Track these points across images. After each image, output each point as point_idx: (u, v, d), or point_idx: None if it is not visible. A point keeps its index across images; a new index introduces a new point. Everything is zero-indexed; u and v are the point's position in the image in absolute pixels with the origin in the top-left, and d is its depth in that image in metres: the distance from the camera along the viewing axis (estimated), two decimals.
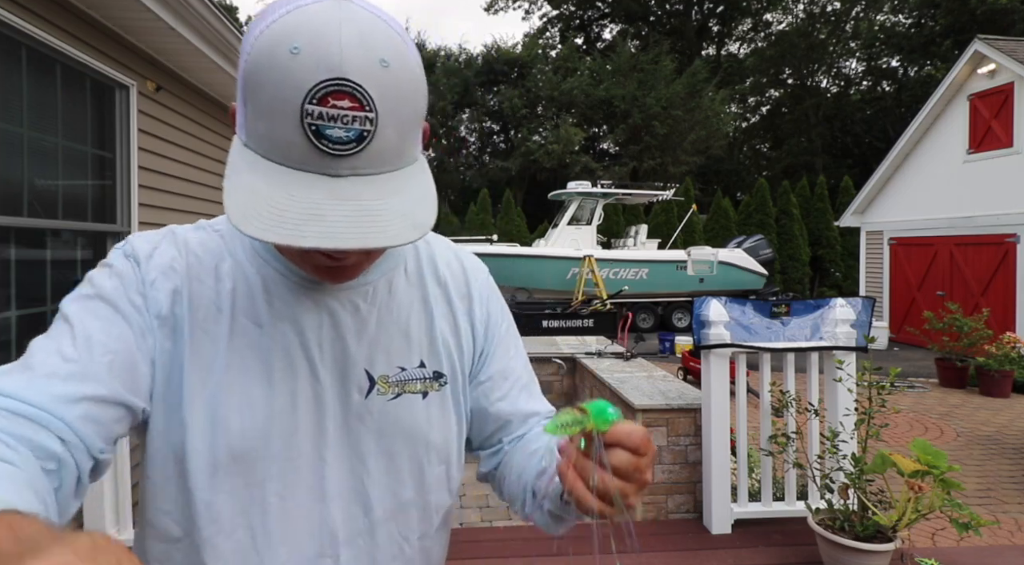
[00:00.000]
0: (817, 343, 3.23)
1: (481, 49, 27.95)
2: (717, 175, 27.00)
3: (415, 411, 0.69)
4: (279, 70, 0.49)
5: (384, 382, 0.68)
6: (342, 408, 0.66)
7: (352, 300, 0.68)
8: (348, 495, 0.66)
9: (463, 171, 26.79)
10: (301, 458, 0.64)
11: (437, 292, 0.75)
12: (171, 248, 0.65)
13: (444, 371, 0.72)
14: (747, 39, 30.67)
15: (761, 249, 14.29)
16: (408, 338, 0.71)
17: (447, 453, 0.72)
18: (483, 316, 0.77)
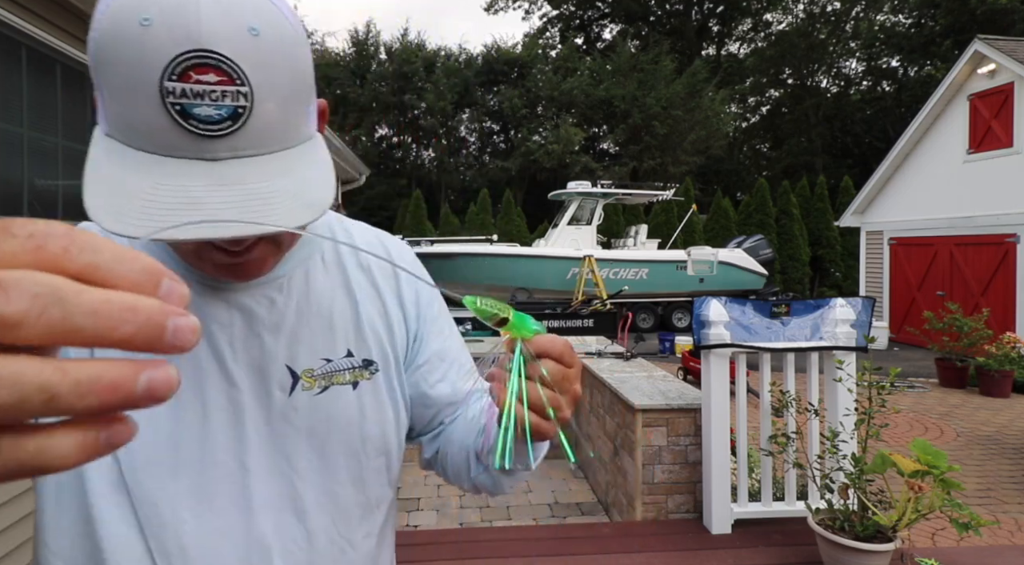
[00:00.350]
0: (817, 343, 3.23)
1: (481, 49, 27.96)
2: (717, 175, 27.00)
3: (346, 403, 0.65)
4: (130, 46, 0.43)
5: (308, 376, 0.64)
6: (263, 410, 0.61)
7: (266, 294, 0.63)
8: (278, 502, 0.61)
9: (463, 171, 26.79)
10: (217, 469, 0.59)
11: (360, 277, 0.70)
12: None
13: (374, 358, 0.68)
14: (747, 39, 30.68)
15: (761, 249, 14.30)
16: (331, 328, 0.66)
17: (385, 444, 0.68)
18: (412, 297, 0.73)
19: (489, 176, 24.82)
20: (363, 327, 0.68)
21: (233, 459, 0.60)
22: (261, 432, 0.61)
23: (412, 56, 24.76)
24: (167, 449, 0.57)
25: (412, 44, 25.65)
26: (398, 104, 24.65)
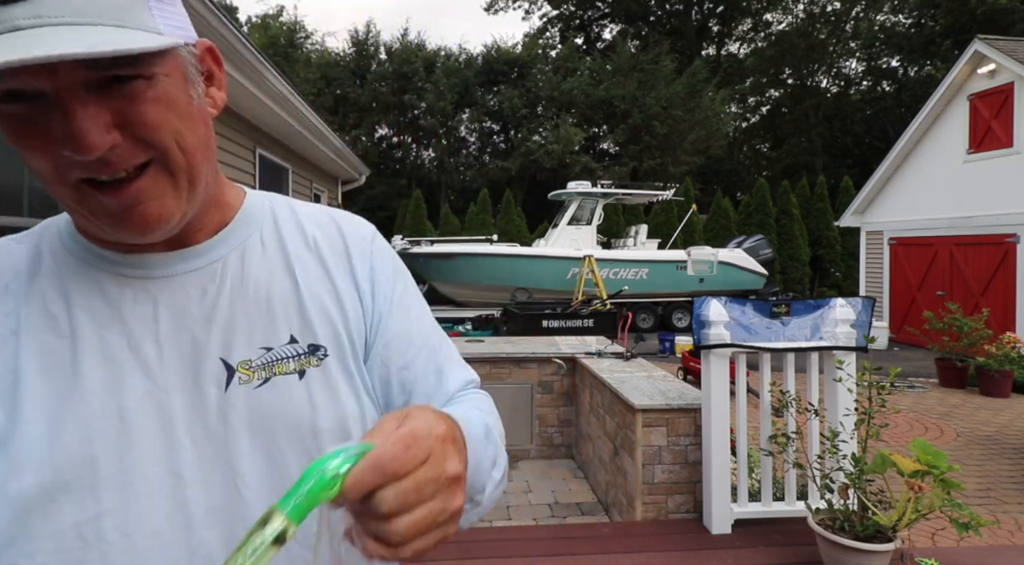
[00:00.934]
0: (817, 343, 3.23)
1: (481, 49, 27.97)
2: (717, 175, 27.00)
3: (292, 395, 0.58)
4: None
5: (245, 368, 0.57)
6: (198, 411, 0.55)
7: (196, 284, 0.58)
8: (223, 512, 0.54)
9: (463, 171, 26.79)
10: (145, 481, 0.52)
11: (306, 255, 0.64)
12: None
13: (322, 342, 0.61)
14: (747, 39, 30.69)
15: (761, 249, 14.30)
16: (271, 313, 0.60)
17: (344, 437, 0.59)
18: (367, 273, 0.66)
19: (489, 176, 24.82)
20: (308, 310, 0.61)
21: (164, 470, 0.53)
22: (196, 436, 0.54)
23: (412, 56, 24.77)
24: (81, 467, 0.50)
25: (412, 44, 25.66)
26: (398, 104, 24.66)
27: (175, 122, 0.50)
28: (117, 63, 0.45)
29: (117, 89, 0.46)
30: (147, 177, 0.50)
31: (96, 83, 0.45)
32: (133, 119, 0.47)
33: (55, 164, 0.47)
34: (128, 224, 0.51)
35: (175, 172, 0.52)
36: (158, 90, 0.49)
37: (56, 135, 0.45)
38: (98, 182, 0.48)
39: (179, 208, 0.53)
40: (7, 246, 0.59)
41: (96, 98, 0.46)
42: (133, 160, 0.48)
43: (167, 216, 0.52)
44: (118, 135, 0.47)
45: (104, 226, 0.52)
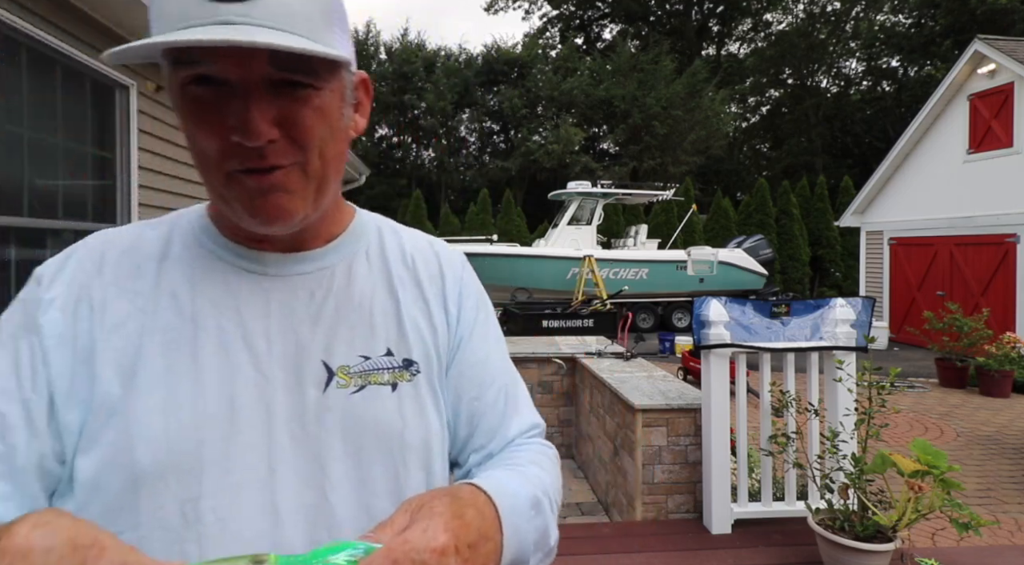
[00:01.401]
0: (817, 343, 3.23)
1: (481, 49, 27.98)
2: (717, 175, 27.00)
3: (384, 405, 0.60)
4: None
5: (344, 373, 0.59)
6: (296, 408, 0.57)
7: (306, 287, 0.62)
8: (308, 512, 0.56)
9: (463, 171, 26.80)
10: (243, 471, 0.54)
11: (404, 274, 0.68)
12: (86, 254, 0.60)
13: (415, 359, 0.63)
14: (747, 39, 30.69)
15: (761, 249, 14.30)
16: (371, 324, 0.62)
17: (427, 457, 0.62)
18: (456, 297, 0.69)
19: (489, 176, 24.82)
20: (405, 326, 0.64)
21: (262, 462, 0.55)
22: (294, 434, 0.57)
23: (412, 56, 24.78)
24: (190, 443, 0.53)
25: (412, 44, 25.66)
26: (398, 104, 24.65)
27: (324, 132, 0.56)
28: (297, 69, 0.52)
29: (288, 92, 0.53)
30: (287, 172, 0.55)
31: (273, 83, 0.52)
32: (294, 120, 0.54)
33: (221, 148, 0.53)
34: (260, 211, 0.55)
35: (310, 176, 0.57)
36: (320, 101, 0.55)
37: (229, 122, 0.52)
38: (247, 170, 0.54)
39: (304, 208, 0.58)
40: (141, 231, 0.64)
41: (269, 97, 0.52)
42: (283, 158, 0.54)
43: (293, 211, 0.57)
44: (277, 132, 0.53)
45: (240, 212, 0.56)
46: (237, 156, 0.53)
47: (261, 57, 0.51)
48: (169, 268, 0.60)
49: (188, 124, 0.54)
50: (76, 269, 0.59)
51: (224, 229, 0.63)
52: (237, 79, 0.51)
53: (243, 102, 0.51)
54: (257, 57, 0.50)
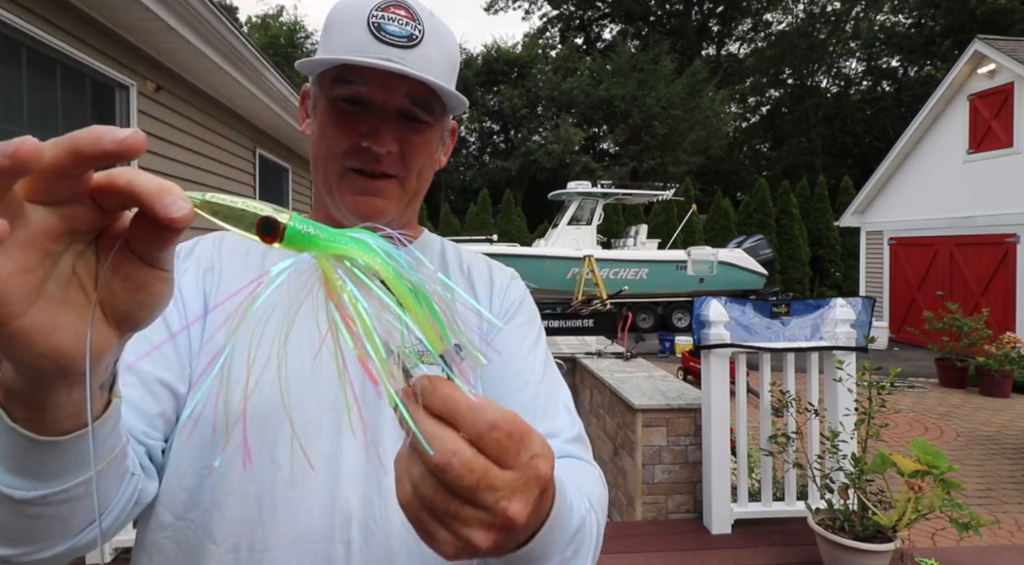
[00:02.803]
0: (817, 343, 3.23)
1: (481, 49, 27.97)
2: (717, 175, 27.00)
3: None
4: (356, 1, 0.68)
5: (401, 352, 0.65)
6: (362, 380, 0.60)
7: None
8: (361, 472, 0.62)
9: (463, 171, 26.80)
10: (317, 425, 0.62)
11: (460, 279, 0.79)
12: (209, 241, 0.74)
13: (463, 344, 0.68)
14: (747, 39, 30.68)
15: (761, 249, 14.29)
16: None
17: None
18: (501, 300, 0.78)
19: (489, 176, 24.82)
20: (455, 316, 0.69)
21: (332, 419, 0.63)
22: (359, 399, 0.64)
23: None
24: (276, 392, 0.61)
25: None
26: None
27: (424, 159, 0.73)
28: (422, 106, 0.69)
29: (410, 124, 0.70)
30: (390, 183, 0.70)
31: (402, 113, 0.69)
32: (409, 143, 0.70)
33: (350, 147, 0.69)
34: (360, 205, 0.69)
35: (406, 191, 0.72)
36: (428, 136, 0.72)
37: (361, 129, 0.68)
38: (361, 171, 0.69)
39: (393, 213, 0.72)
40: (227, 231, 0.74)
41: (397, 121, 0.69)
42: (392, 169, 0.70)
43: (386, 213, 0.71)
44: (397, 147, 0.69)
45: (340, 203, 0.70)
46: (360, 157, 0.68)
47: (402, 91, 0.67)
48: (271, 257, 0.71)
49: (328, 125, 0.70)
50: (202, 248, 0.73)
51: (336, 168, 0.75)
52: (381, 102, 0.68)
53: (380, 118, 0.68)
54: (399, 90, 0.67)
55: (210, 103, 4.43)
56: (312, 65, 0.68)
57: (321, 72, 0.70)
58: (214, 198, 0.33)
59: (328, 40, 0.69)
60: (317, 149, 0.71)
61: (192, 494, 0.60)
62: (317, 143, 0.71)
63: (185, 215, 0.31)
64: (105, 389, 0.40)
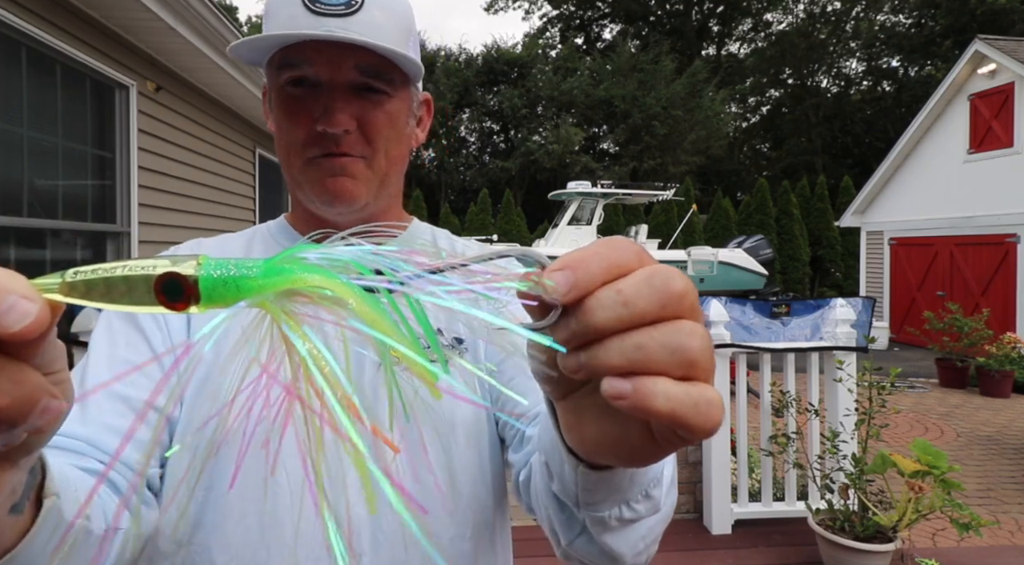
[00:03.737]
0: (817, 343, 3.23)
1: (481, 49, 27.97)
2: (717, 175, 27.00)
3: None
4: None
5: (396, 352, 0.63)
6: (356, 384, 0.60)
7: None
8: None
9: (463, 171, 26.79)
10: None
11: None
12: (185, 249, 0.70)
13: (463, 336, 0.68)
14: (747, 39, 30.68)
15: (761, 249, 14.28)
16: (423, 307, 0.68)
17: (477, 433, 0.65)
18: None
19: (489, 176, 24.81)
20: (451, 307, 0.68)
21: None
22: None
23: None
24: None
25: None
26: None
27: (391, 135, 0.67)
28: (376, 76, 0.64)
29: (366, 96, 0.65)
30: (355, 161, 0.66)
31: (356, 86, 0.64)
32: (368, 119, 0.65)
33: (307, 136, 0.64)
34: (328, 191, 0.65)
35: (375, 170, 0.67)
36: (390, 107, 0.66)
37: (315, 114, 0.63)
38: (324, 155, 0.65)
39: (364, 195, 0.67)
40: (227, 237, 0.74)
41: (351, 97, 0.64)
42: (354, 149, 0.65)
43: (356, 195, 0.66)
44: (355, 125, 0.64)
45: (311, 193, 0.67)
46: (319, 144, 0.64)
47: (350, 64, 0.62)
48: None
49: (282, 117, 0.66)
50: None
51: (300, 229, 0.73)
52: (328, 80, 0.62)
53: (330, 97, 0.63)
54: (346, 64, 0.62)
55: (210, 103, 4.43)
56: (243, 50, 0.63)
57: (268, 61, 0.66)
58: (79, 274, 0.24)
59: (266, 24, 0.64)
60: (279, 144, 0.68)
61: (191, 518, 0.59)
62: (277, 138, 0.68)
63: (32, 324, 0.21)
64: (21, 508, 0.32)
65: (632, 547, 0.44)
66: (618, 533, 0.43)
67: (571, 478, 0.39)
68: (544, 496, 0.48)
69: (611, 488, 0.39)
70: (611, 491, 0.39)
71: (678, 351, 0.26)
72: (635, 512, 0.41)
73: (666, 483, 0.44)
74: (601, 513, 0.41)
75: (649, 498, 0.41)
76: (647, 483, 0.40)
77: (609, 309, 0.26)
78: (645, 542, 0.45)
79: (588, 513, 0.41)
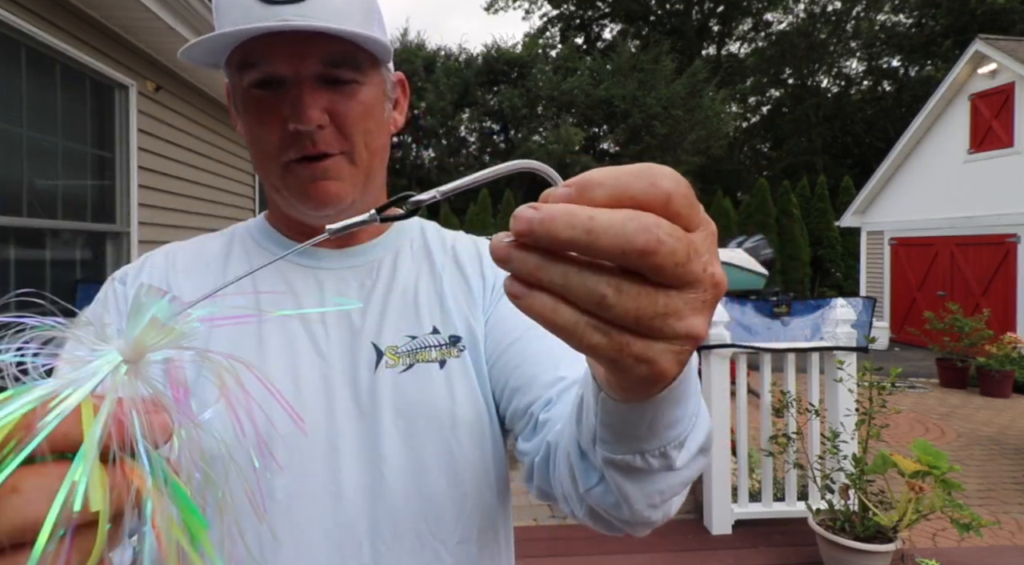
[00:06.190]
0: (818, 343, 3.23)
1: (481, 49, 27.97)
2: (717, 175, 26.99)
3: (433, 383, 0.62)
4: None
5: (392, 353, 0.63)
6: (352, 389, 0.61)
7: (356, 278, 0.68)
8: (367, 491, 0.58)
9: (463, 171, 26.80)
10: (310, 447, 0.58)
11: (445, 260, 0.72)
12: (160, 258, 0.68)
13: (460, 334, 0.66)
14: (747, 39, 30.67)
15: (761, 249, 14.26)
16: (416, 306, 0.66)
17: (480, 432, 0.63)
18: (492, 276, 0.71)
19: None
20: (448, 305, 0.68)
21: (325, 440, 0.59)
22: (351, 413, 0.60)
23: (412, 56, 24.77)
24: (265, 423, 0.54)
25: (412, 44, 25.67)
26: None
27: (368, 124, 0.63)
28: (344, 65, 0.59)
29: (336, 87, 0.60)
30: (336, 161, 0.62)
31: (323, 78, 0.59)
32: (341, 111, 0.60)
33: (279, 139, 0.60)
34: (312, 196, 0.62)
35: (358, 165, 0.63)
36: (364, 95, 0.62)
37: (284, 114, 0.59)
38: (301, 159, 0.61)
39: (352, 194, 0.64)
40: (204, 239, 0.73)
41: (319, 89, 0.59)
42: (332, 147, 0.61)
43: (343, 196, 0.63)
44: (328, 119, 0.60)
45: (293, 200, 0.63)
46: (293, 146, 0.60)
47: (314, 55, 0.58)
48: (233, 264, 0.67)
49: (251, 122, 0.62)
50: (153, 267, 0.67)
51: (281, 229, 0.70)
52: (293, 75, 0.58)
53: (297, 92, 0.58)
54: (310, 56, 0.58)
55: (210, 103, 4.43)
56: (196, 52, 0.58)
57: (226, 61, 0.61)
58: None
59: (219, 21, 0.60)
60: (252, 151, 0.64)
61: None
62: (250, 144, 0.64)
63: None
64: None
65: (647, 498, 0.44)
66: (633, 480, 0.42)
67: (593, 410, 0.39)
68: (569, 444, 0.48)
69: (628, 427, 0.38)
70: (628, 432, 0.38)
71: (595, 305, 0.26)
72: (648, 465, 0.40)
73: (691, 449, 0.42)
74: (615, 455, 0.40)
75: (666, 457, 0.40)
76: (667, 440, 0.39)
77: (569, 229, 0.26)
78: (662, 497, 0.44)
79: (603, 452, 0.41)
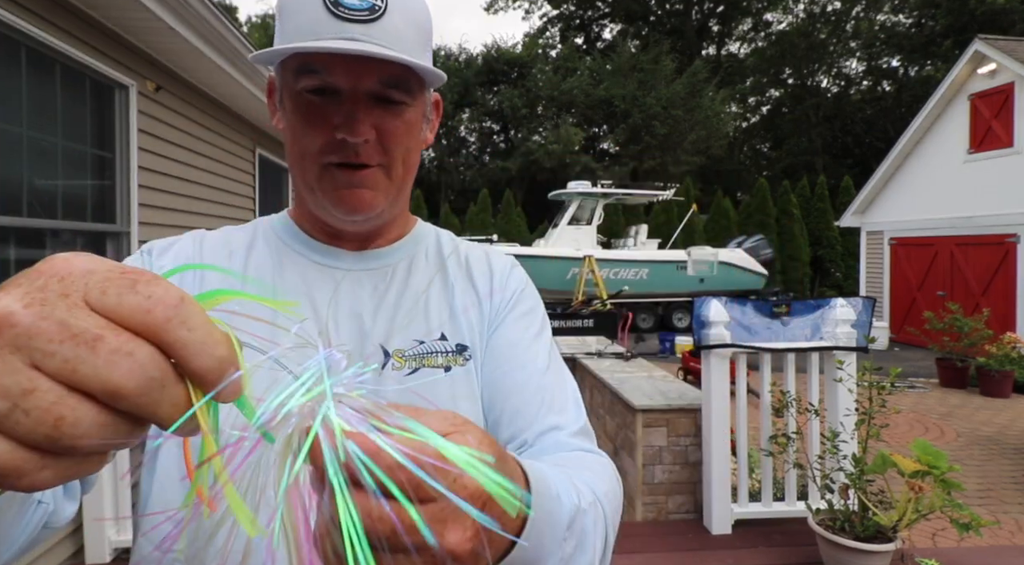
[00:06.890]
0: (817, 343, 3.23)
1: (481, 49, 27.97)
2: (717, 175, 26.99)
3: (436, 387, 0.65)
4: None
5: (399, 356, 0.65)
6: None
7: (371, 281, 0.70)
8: None
9: (463, 171, 26.78)
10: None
11: (458, 271, 0.74)
12: (188, 240, 0.70)
13: (467, 344, 0.68)
14: (747, 39, 30.68)
15: (761, 249, 14.28)
16: (427, 312, 0.69)
17: None
18: (501, 288, 0.74)
19: (489, 176, 24.81)
20: (457, 312, 0.70)
21: None
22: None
23: None
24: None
25: None
26: None
27: (408, 143, 0.66)
28: (397, 86, 0.63)
29: (385, 106, 0.63)
30: (374, 172, 0.65)
31: (376, 96, 0.62)
32: (386, 129, 0.64)
33: (325, 143, 0.63)
34: (346, 202, 0.65)
35: (393, 179, 0.67)
36: (408, 116, 0.65)
37: (334, 121, 0.62)
38: (341, 164, 0.63)
39: (383, 204, 0.67)
40: (230, 230, 0.75)
41: (372, 106, 0.63)
42: (373, 159, 0.64)
43: (374, 205, 0.66)
44: (375, 134, 0.63)
45: (325, 202, 0.66)
46: (337, 151, 0.63)
47: (372, 75, 0.61)
48: (255, 256, 0.70)
49: (298, 123, 0.64)
50: (180, 248, 0.69)
51: (304, 227, 0.72)
52: (350, 89, 0.61)
53: (351, 106, 0.61)
54: (369, 75, 0.61)
55: (210, 103, 4.43)
56: (269, 56, 0.61)
57: (282, 62, 0.64)
58: None
59: (284, 24, 0.62)
60: (291, 148, 0.66)
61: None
62: (291, 142, 0.66)
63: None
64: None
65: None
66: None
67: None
68: None
69: None
70: None
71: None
72: None
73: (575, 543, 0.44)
74: None
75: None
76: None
77: None
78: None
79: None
